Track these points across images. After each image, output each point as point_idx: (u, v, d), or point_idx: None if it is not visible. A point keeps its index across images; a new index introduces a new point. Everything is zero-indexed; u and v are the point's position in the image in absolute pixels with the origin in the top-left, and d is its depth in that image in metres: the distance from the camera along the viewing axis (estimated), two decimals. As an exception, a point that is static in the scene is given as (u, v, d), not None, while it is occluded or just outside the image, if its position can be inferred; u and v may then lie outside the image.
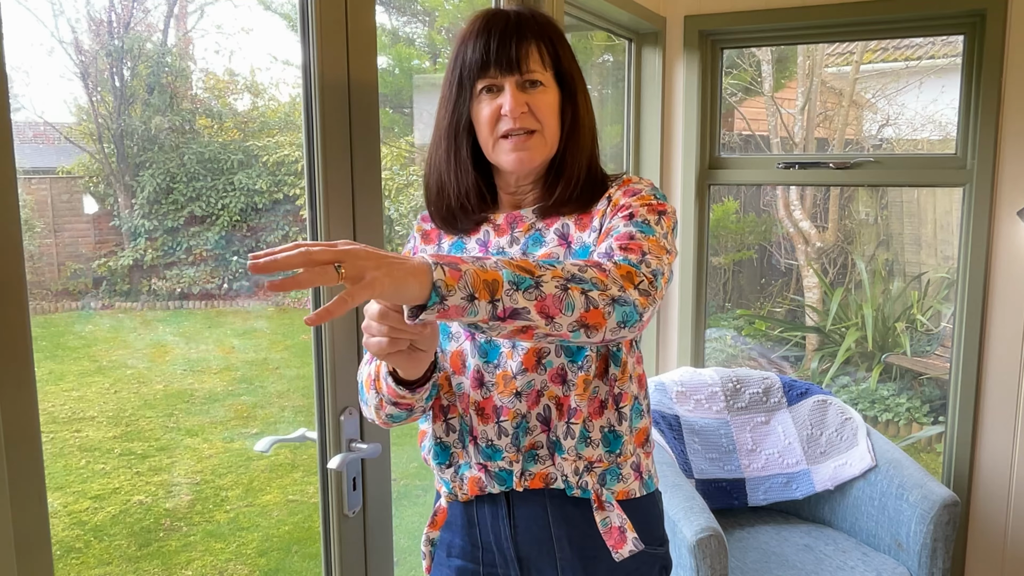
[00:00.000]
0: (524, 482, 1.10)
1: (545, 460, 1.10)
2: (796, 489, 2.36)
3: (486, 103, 1.09)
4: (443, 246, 1.18)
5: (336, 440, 1.34)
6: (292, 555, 2.98)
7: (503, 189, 1.17)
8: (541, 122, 1.08)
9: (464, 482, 1.12)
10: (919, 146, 5.15)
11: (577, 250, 1.09)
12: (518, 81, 1.07)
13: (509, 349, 1.07)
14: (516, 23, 1.08)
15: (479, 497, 1.13)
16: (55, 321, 3.87)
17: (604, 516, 1.11)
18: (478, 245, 1.15)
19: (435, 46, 4.96)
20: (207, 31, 4.20)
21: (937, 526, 2.02)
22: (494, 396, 1.08)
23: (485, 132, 1.09)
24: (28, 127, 3.54)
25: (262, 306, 4.40)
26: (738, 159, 2.77)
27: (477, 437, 1.10)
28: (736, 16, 2.53)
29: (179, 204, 4.11)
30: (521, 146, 1.08)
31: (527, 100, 1.07)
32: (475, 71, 1.08)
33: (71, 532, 2.90)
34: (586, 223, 1.11)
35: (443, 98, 1.14)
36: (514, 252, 1.11)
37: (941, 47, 5.03)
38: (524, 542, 1.12)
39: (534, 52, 1.08)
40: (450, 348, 1.11)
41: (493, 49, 1.06)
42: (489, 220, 1.15)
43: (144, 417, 3.59)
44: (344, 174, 1.32)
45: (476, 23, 1.10)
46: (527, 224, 1.13)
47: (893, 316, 4.90)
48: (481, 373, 1.09)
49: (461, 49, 1.10)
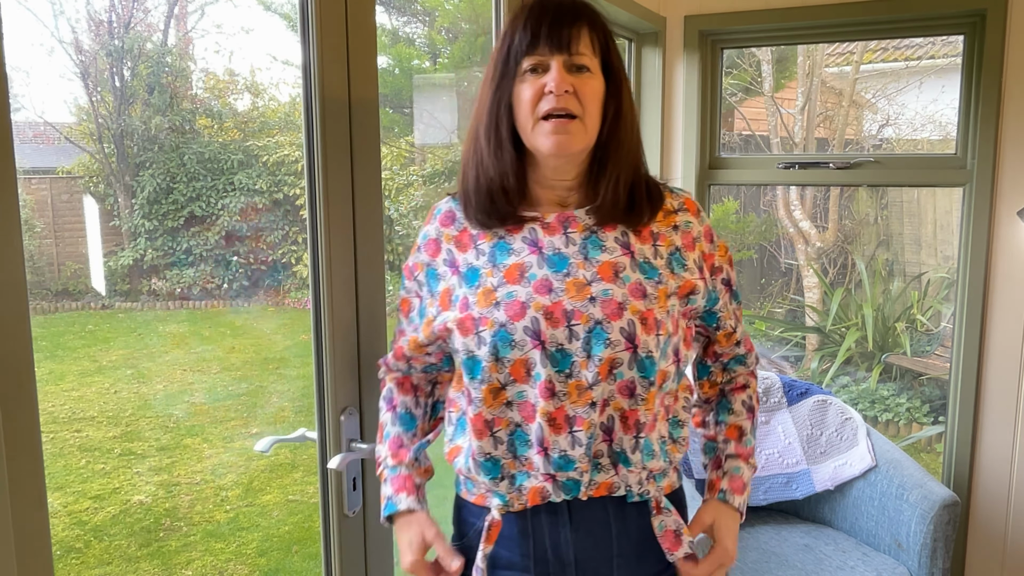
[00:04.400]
0: (589, 491, 1.08)
1: (608, 469, 1.08)
2: (796, 489, 2.36)
3: (529, 83, 1.05)
4: (482, 247, 1.12)
5: (336, 440, 1.34)
6: (292, 555, 2.98)
7: (539, 183, 1.13)
8: (584, 107, 1.05)
9: (523, 493, 1.08)
10: (919, 146, 5.15)
11: (641, 262, 1.09)
12: (566, 61, 1.04)
13: (583, 359, 1.04)
14: (571, 6, 1.07)
15: (536, 506, 1.09)
16: (55, 321, 3.87)
17: (660, 520, 1.12)
18: (527, 245, 1.10)
19: (435, 46, 4.96)
20: (207, 31, 4.20)
21: (937, 526, 2.02)
22: (566, 406, 1.05)
23: (525, 111, 1.06)
24: (28, 127, 3.54)
25: (262, 306, 4.40)
26: (738, 159, 2.77)
27: (548, 448, 1.05)
28: (736, 16, 2.53)
29: (179, 204, 4.11)
30: (561, 128, 1.04)
31: (573, 82, 1.04)
32: (523, 48, 1.05)
33: (71, 532, 2.90)
34: (645, 235, 1.11)
35: (486, 79, 1.11)
36: (571, 252, 1.09)
37: (941, 47, 5.03)
38: (583, 545, 1.10)
39: (585, 37, 1.06)
40: (512, 356, 1.05)
41: (545, 27, 1.04)
42: (537, 219, 1.11)
43: (144, 417, 3.59)
44: (344, 174, 1.32)
45: (530, 5, 1.08)
46: (582, 225, 1.10)
47: (893, 316, 4.90)
48: (553, 383, 1.04)
49: (511, 29, 1.08)
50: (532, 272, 1.07)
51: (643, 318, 1.04)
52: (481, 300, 1.07)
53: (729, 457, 1.24)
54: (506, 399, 1.07)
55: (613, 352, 1.03)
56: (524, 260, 1.08)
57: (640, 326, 1.04)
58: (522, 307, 1.04)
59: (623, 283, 1.06)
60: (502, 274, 1.08)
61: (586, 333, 1.03)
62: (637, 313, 1.04)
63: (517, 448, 1.08)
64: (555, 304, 1.04)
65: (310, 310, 1.35)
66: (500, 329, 1.04)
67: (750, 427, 1.25)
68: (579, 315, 1.04)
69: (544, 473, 1.06)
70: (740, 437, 1.25)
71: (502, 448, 1.08)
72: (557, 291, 1.05)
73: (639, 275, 1.07)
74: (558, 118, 1.04)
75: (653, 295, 1.07)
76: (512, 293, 1.06)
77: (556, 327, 1.04)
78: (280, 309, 4.48)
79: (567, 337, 1.04)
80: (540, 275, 1.07)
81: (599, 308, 1.04)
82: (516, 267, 1.08)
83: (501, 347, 1.04)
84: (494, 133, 1.09)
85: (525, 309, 1.04)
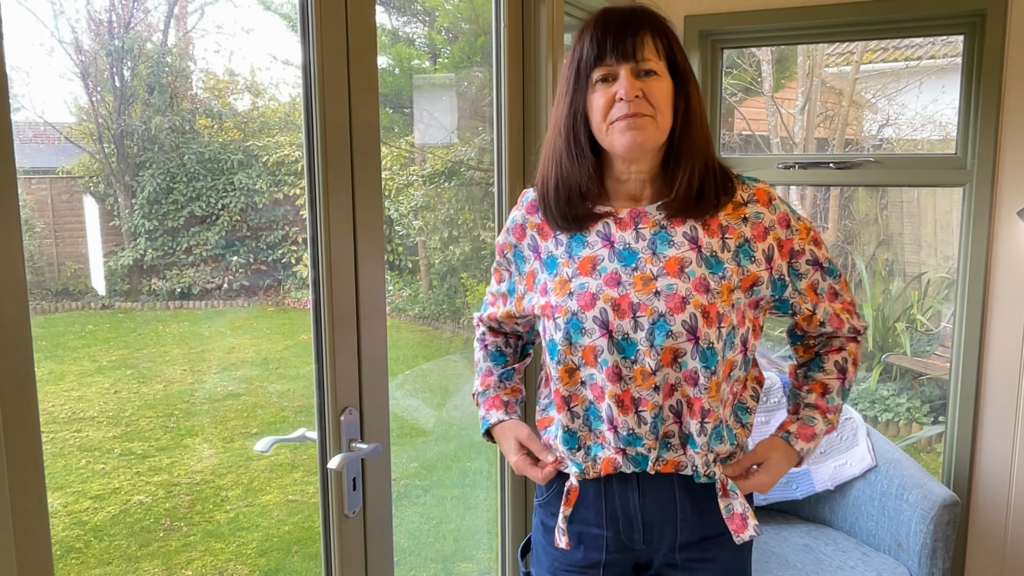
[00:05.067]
0: (657, 466, 1.19)
1: (677, 449, 1.19)
2: (796, 489, 2.36)
3: (600, 92, 1.14)
4: (560, 238, 1.23)
5: (336, 440, 1.34)
6: (292, 555, 2.98)
7: (615, 180, 1.21)
8: (655, 107, 1.13)
9: (597, 462, 1.20)
10: (919, 146, 5.15)
11: (707, 256, 1.16)
12: (633, 68, 1.12)
13: (647, 348, 1.13)
14: (632, 16, 1.15)
15: (608, 475, 1.21)
16: (55, 321, 3.87)
17: (728, 503, 1.19)
18: (600, 239, 1.19)
19: (435, 46, 4.96)
20: (207, 31, 4.19)
21: (937, 526, 2.02)
22: (632, 388, 1.15)
23: (599, 118, 1.14)
24: (28, 127, 3.54)
25: (262, 306, 4.40)
26: (738, 159, 2.77)
27: (618, 426, 1.17)
28: (736, 16, 2.53)
29: (179, 204, 4.11)
30: (634, 125, 1.11)
31: (642, 87, 1.12)
32: (591, 61, 1.14)
33: (71, 532, 2.89)
34: (714, 229, 1.17)
35: (560, 94, 1.21)
36: (640, 248, 1.17)
37: (941, 47, 5.02)
38: (651, 509, 1.21)
39: (648, 43, 1.13)
40: (583, 342, 1.16)
41: (610, 39, 1.12)
42: (611, 214, 1.20)
43: (144, 417, 3.59)
44: (344, 174, 1.32)
45: (593, 19, 1.16)
46: (652, 221, 1.18)
47: (893, 316, 4.90)
48: (619, 368, 1.15)
49: (578, 45, 1.16)
50: (603, 265, 1.18)
51: (705, 312, 1.13)
52: (557, 289, 1.19)
53: (807, 406, 1.29)
54: (580, 379, 1.19)
55: (675, 343, 1.13)
56: (597, 253, 1.19)
57: (702, 319, 1.12)
58: (592, 298, 1.15)
59: (688, 278, 1.14)
60: (576, 265, 1.19)
61: (650, 324, 1.13)
62: (700, 307, 1.13)
63: (592, 423, 1.20)
64: (622, 297, 1.15)
65: (310, 310, 1.35)
66: (572, 317, 1.15)
67: (838, 387, 1.29)
68: (644, 308, 1.14)
69: (615, 447, 1.18)
70: (824, 392, 1.29)
71: (578, 422, 1.21)
72: (625, 284, 1.15)
73: (704, 270, 1.15)
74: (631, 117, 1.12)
75: (716, 290, 1.14)
76: (584, 284, 1.17)
77: (623, 318, 1.14)
78: (280, 309, 4.48)
79: (632, 327, 1.14)
80: (611, 268, 1.17)
81: (663, 302, 1.13)
82: (589, 259, 1.19)
83: (573, 333, 1.16)
84: (574, 142, 1.18)
85: (595, 300, 1.15)
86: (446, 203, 4.40)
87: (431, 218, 4.38)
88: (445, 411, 4.16)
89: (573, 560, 1.26)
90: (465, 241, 4.29)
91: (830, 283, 1.26)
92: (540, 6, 1.83)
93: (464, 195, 4.41)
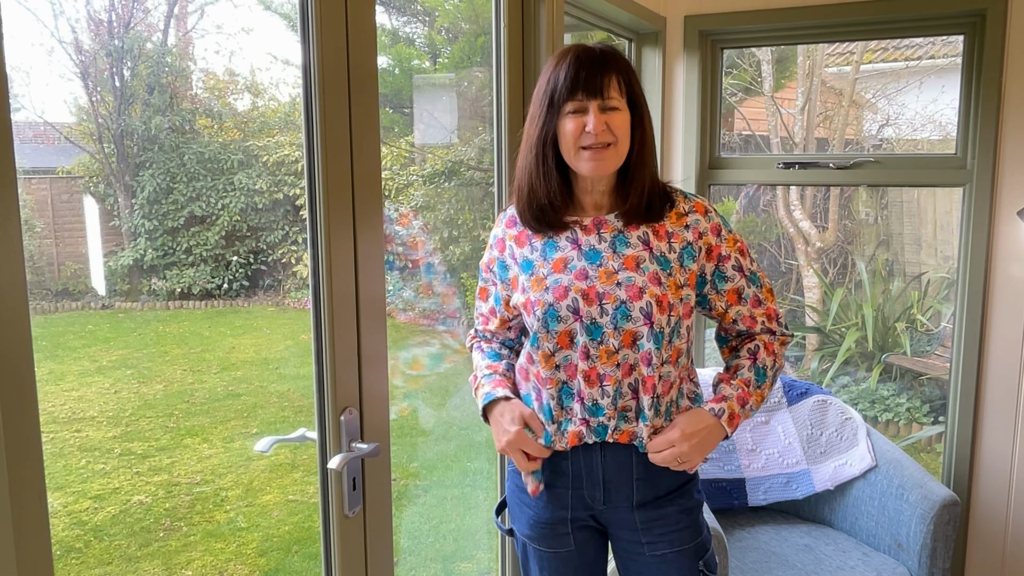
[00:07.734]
0: (615, 435, 1.39)
1: (632, 421, 1.39)
2: (796, 489, 2.36)
3: (570, 120, 1.34)
4: (535, 245, 1.44)
5: (336, 440, 1.34)
6: (292, 555, 2.98)
7: (582, 191, 1.44)
8: (616, 137, 1.34)
9: (565, 436, 1.40)
10: (919, 146, 5.15)
11: (658, 256, 1.38)
12: (600, 105, 1.33)
13: (611, 330, 1.35)
14: (601, 57, 1.34)
15: (575, 446, 1.41)
16: (55, 321, 3.87)
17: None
18: (569, 243, 1.42)
19: (435, 46, 4.96)
20: (207, 31, 4.19)
21: (937, 526, 2.02)
22: (598, 366, 1.37)
23: (569, 143, 1.36)
24: (28, 127, 3.54)
25: (262, 306, 4.40)
26: (738, 159, 2.77)
27: (584, 399, 1.38)
28: (736, 16, 2.54)
29: (179, 204, 4.11)
30: (598, 156, 1.35)
31: (606, 120, 1.33)
32: (565, 94, 1.34)
33: (71, 532, 2.89)
34: (661, 233, 1.40)
35: (532, 116, 1.40)
36: (603, 248, 1.39)
37: (941, 47, 5.02)
38: (610, 468, 1.41)
39: (614, 83, 1.34)
40: (558, 328, 1.37)
41: (582, 77, 1.33)
42: (577, 222, 1.42)
43: (144, 417, 3.58)
44: (344, 174, 1.32)
45: (569, 55, 1.35)
46: (612, 227, 1.41)
47: (893, 316, 4.90)
48: (588, 348, 1.36)
49: (553, 74, 1.36)
50: (573, 264, 1.39)
51: (659, 301, 1.35)
52: (534, 285, 1.40)
53: (720, 384, 1.47)
54: (555, 363, 1.39)
55: (634, 326, 1.34)
56: (567, 255, 1.41)
57: (656, 307, 1.34)
58: (565, 290, 1.37)
59: (643, 272, 1.36)
60: (551, 265, 1.41)
61: (613, 310, 1.35)
62: (654, 296, 1.35)
63: (563, 401, 1.40)
64: (590, 288, 1.36)
65: (310, 310, 1.35)
66: (549, 308, 1.37)
67: (748, 365, 1.46)
68: (608, 296, 1.35)
69: (580, 418, 1.39)
70: (735, 373, 1.46)
71: (554, 402, 1.40)
72: (592, 278, 1.37)
73: (656, 266, 1.37)
74: (596, 148, 1.34)
75: (666, 284, 1.36)
76: (558, 280, 1.38)
77: (591, 305, 1.36)
78: (280, 309, 4.48)
79: (599, 313, 1.36)
80: (579, 266, 1.39)
81: (623, 291, 1.35)
82: (561, 259, 1.41)
83: (550, 321, 1.37)
84: (542, 162, 1.39)
85: (567, 292, 1.37)
86: (446, 203, 4.40)
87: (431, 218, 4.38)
88: (445, 411, 4.16)
89: (544, 519, 1.47)
90: (465, 241, 4.29)
91: (754, 291, 1.46)
92: (540, 6, 1.83)
93: (464, 195, 4.41)
